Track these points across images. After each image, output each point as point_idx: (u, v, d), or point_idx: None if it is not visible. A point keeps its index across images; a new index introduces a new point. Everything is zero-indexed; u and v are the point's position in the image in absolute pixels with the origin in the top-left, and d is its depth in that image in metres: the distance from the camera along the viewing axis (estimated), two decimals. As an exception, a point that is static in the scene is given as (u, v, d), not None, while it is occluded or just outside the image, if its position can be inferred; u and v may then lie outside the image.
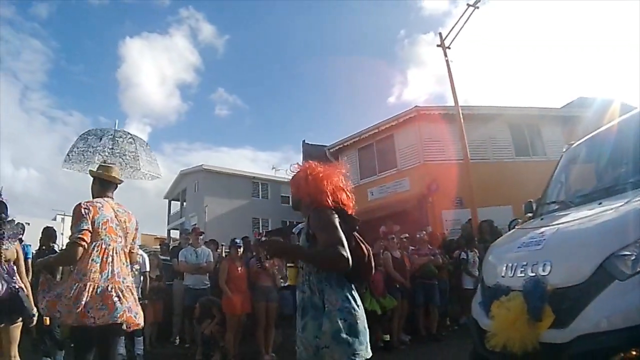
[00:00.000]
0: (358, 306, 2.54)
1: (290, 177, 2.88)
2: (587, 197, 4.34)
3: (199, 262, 8.02)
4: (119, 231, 3.68)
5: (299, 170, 2.84)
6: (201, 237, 8.56)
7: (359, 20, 74.41)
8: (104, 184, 3.85)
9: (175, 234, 35.42)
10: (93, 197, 3.78)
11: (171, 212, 38.32)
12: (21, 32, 61.47)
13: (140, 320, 3.64)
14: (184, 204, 35.72)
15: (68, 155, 4.83)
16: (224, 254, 9.34)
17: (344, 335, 2.40)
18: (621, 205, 3.35)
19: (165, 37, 74.85)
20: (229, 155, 69.96)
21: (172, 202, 38.33)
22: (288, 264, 2.78)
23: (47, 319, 4.67)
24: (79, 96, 68.24)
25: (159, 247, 12.89)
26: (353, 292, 2.58)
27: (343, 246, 2.40)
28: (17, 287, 4.23)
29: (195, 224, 27.04)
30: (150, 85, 76.61)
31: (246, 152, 73.86)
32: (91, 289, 3.35)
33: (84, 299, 3.29)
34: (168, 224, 37.93)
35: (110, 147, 4.77)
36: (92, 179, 3.89)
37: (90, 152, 4.71)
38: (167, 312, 8.28)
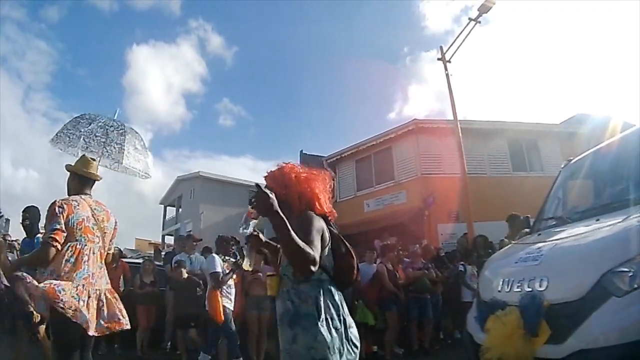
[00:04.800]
0: (346, 315, 2.48)
1: (270, 177, 2.64)
2: (585, 213, 4.36)
3: (193, 269, 7.96)
4: (96, 231, 3.58)
5: (282, 168, 2.66)
6: (197, 244, 8.51)
7: (364, 36, 74.90)
8: (82, 180, 3.74)
9: (170, 239, 35.41)
10: (70, 193, 3.68)
11: (166, 217, 38.30)
12: (27, 32, 61.48)
13: (123, 322, 3.57)
14: (180, 210, 35.78)
15: (57, 134, 4.71)
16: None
17: (338, 345, 2.34)
18: (619, 222, 3.36)
19: (172, 46, 75.15)
20: (228, 163, 70.31)
21: (168, 207, 38.35)
22: (269, 273, 2.70)
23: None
24: (82, 99, 68.06)
25: (152, 252, 12.82)
26: (342, 298, 2.52)
27: (317, 250, 2.29)
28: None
29: (190, 231, 27.02)
30: (155, 93, 76.90)
31: (247, 161, 74.11)
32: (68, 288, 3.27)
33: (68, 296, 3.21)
34: (163, 230, 37.89)
35: (97, 134, 4.64)
36: (69, 173, 3.77)
37: (76, 135, 4.58)
38: (160, 318, 8.22)
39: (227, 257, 6.56)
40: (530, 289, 3.36)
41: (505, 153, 17.03)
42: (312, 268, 2.24)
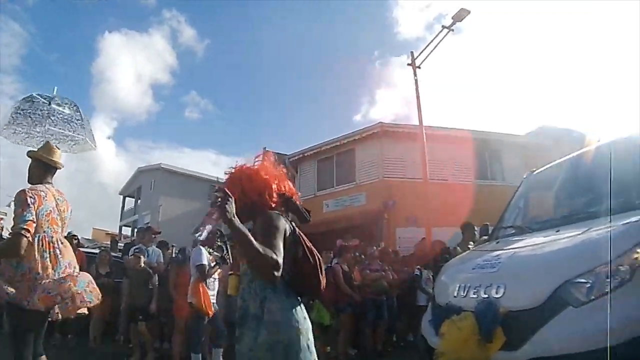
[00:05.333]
0: (304, 319, 2.38)
1: (227, 184, 2.48)
2: (545, 224, 4.41)
3: (150, 262, 7.79)
4: (59, 221, 3.54)
5: (234, 173, 2.56)
6: (155, 236, 8.32)
7: (335, 37, 75.56)
8: (45, 168, 3.63)
9: (128, 231, 35.11)
10: (32, 181, 3.58)
11: (125, 208, 37.71)
12: (3, 13, 59.77)
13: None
14: (139, 201, 35.26)
15: (11, 116, 4.47)
16: (175, 255, 9.06)
17: (281, 350, 2.23)
18: (578, 234, 3.40)
19: (144, 35, 74.39)
20: (191, 157, 70.03)
21: (127, 198, 37.76)
22: (230, 272, 2.61)
23: None
24: (50, 84, 66.56)
25: (109, 242, 12.54)
26: (298, 303, 2.42)
27: (279, 253, 2.19)
28: None
29: (148, 223, 26.64)
30: (123, 82, 75.86)
31: (210, 155, 74.06)
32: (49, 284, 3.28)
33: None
34: (121, 221, 37.29)
35: (53, 118, 4.42)
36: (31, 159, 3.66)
37: (32, 119, 4.38)
38: (114, 310, 8.09)
39: (212, 250, 6.45)
40: (486, 296, 3.35)
41: (469, 161, 17.18)
42: (276, 273, 2.16)
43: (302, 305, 2.43)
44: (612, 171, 3.96)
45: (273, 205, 2.47)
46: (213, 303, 6.08)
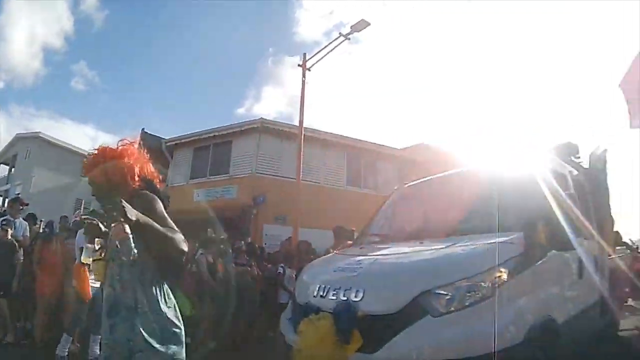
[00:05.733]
0: (174, 307, 2.41)
1: (87, 168, 2.50)
2: (410, 235, 4.63)
3: (16, 235, 7.16)
4: None
5: (94, 156, 2.50)
6: (22, 208, 7.71)
7: (232, 27, 74.66)
8: None
9: None
10: None
11: None
12: None
13: None
14: (13, 169, 32.59)
15: None
16: (42, 230, 8.46)
17: (158, 338, 2.24)
18: (442, 248, 3.62)
19: (46, -4, 69.31)
20: (70, 128, 66.04)
21: (2, 165, 34.68)
22: (95, 258, 2.49)
23: None
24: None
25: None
26: (168, 291, 2.42)
27: (179, 232, 2.28)
28: None
29: (19, 193, 24.73)
30: (17, 42, 69.72)
31: (88, 130, 70.25)
32: None
33: None
34: None
35: None
36: None
37: None
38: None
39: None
40: (345, 298, 3.44)
41: (343, 167, 17.71)
42: (185, 247, 2.27)
43: (170, 293, 2.42)
44: (479, 194, 4.28)
45: (135, 187, 2.45)
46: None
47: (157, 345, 2.22)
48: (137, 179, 2.46)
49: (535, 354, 3.18)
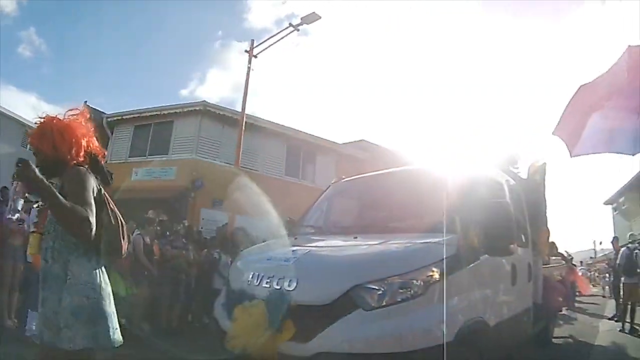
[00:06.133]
0: (106, 284, 2.39)
1: (35, 137, 2.40)
2: (344, 229, 4.81)
3: None
4: None
5: (42, 124, 2.41)
6: None
7: (183, 5, 73.12)
8: None
9: None
10: None
11: None
12: None
13: None
14: None
15: None
16: None
17: (86, 314, 2.21)
18: (376, 244, 3.75)
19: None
20: (13, 95, 62.95)
21: None
22: (31, 230, 2.57)
23: None
24: None
25: None
26: (101, 267, 2.40)
27: (92, 212, 2.18)
28: None
29: None
30: None
31: (31, 99, 67.55)
32: None
33: None
34: None
35: None
36: None
37: None
38: None
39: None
40: (278, 287, 3.49)
41: (282, 157, 17.87)
42: (88, 230, 2.14)
43: (104, 269, 2.42)
44: (415, 194, 4.44)
45: (79, 161, 2.42)
46: None
47: (82, 322, 2.19)
48: (82, 153, 2.43)
49: (465, 353, 3.32)
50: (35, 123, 2.46)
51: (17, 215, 2.31)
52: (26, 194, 2.25)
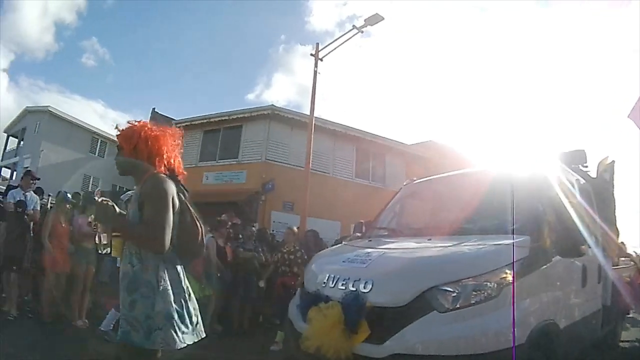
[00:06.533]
0: (189, 287, 2.48)
1: (122, 135, 2.56)
2: (418, 231, 4.69)
3: (27, 209, 7.26)
4: None
5: (133, 127, 2.57)
6: (34, 182, 7.83)
7: (245, 11, 74.96)
8: None
9: (7, 172, 32.46)
10: None
11: (7, 148, 34.44)
12: None
13: None
14: (22, 143, 32.39)
15: None
16: (49, 206, 8.57)
17: (179, 317, 2.32)
18: (449, 246, 3.66)
19: (59, -32, 69.72)
20: (79, 104, 66.60)
21: (11, 138, 34.47)
22: (114, 233, 2.56)
23: None
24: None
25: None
26: (184, 271, 2.49)
27: (165, 228, 2.30)
28: None
29: (27, 167, 24.78)
30: (28, 14, 70.17)
31: (97, 106, 70.90)
32: None
33: None
34: (1, 160, 34.06)
35: None
36: None
37: None
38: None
39: None
40: (354, 289, 3.48)
41: (352, 159, 17.80)
42: (161, 249, 2.30)
43: (184, 273, 2.50)
44: (488, 195, 4.32)
45: (158, 170, 2.49)
46: None
47: (175, 323, 2.29)
48: (162, 164, 2.51)
49: (537, 356, 3.24)
50: (128, 123, 2.61)
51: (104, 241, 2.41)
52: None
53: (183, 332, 2.32)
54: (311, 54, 14.26)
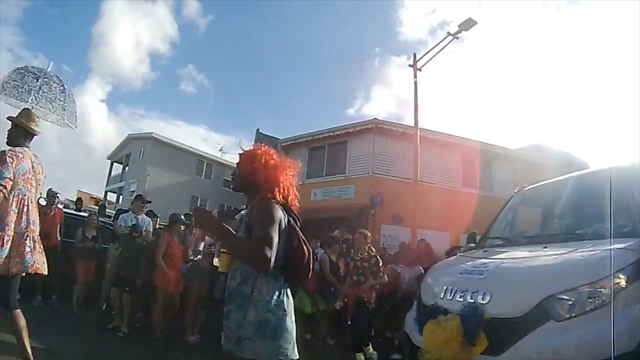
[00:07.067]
0: (289, 302, 2.50)
1: (244, 155, 2.69)
2: (532, 239, 4.60)
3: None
4: (33, 182, 3.85)
5: (256, 150, 2.68)
6: (145, 205, 8.38)
7: (337, 27, 75.96)
8: (25, 133, 3.96)
9: (112, 196, 35.05)
10: (11, 143, 3.88)
11: (112, 174, 37.07)
12: None
13: (44, 269, 3.85)
14: (126, 168, 34.64)
15: (2, 85, 4.57)
16: (158, 226, 9.15)
17: (270, 329, 2.34)
18: (564, 253, 3.55)
19: (148, 2, 74.65)
20: (182, 129, 70.56)
21: (115, 164, 37.06)
22: (222, 250, 2.73)
23: None
24: (49, 41, 65.72)
25: (96, 207, 12.49)
26: (286, 287, 2.52)
27: (270, 247, 2.32)
28: None
29: (133, 191, 26.43)
30: (122, 47, 75.86)
31: (200, 131, 74.43)
32: (12, 239, 3.59)
33: (7, 248, 3.53)
34: (107, 185, 36.68)
35: (44, 90, 4.53)
36: (10, 123, 3.97)
37: (25, 89, 4.50)
38: (98, 276, 8.08)
39: None
40: (472, 300, 3.47)
41: (458, 168, 17.48)
42: (265, 267, 2.31)
43: (288, 288, 2.54)
44: (602, 198, 4.15)
45: (272, 196, 2.55)
46: None
47: (265, 336, 2.31)
48: (276, 192, 2.56)
49: None
50: (253, 146, 2.75)
51: (198, 256, 2.54)
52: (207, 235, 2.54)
53: (279, 347, 2.34)
54: (409, 65, 14.31)
